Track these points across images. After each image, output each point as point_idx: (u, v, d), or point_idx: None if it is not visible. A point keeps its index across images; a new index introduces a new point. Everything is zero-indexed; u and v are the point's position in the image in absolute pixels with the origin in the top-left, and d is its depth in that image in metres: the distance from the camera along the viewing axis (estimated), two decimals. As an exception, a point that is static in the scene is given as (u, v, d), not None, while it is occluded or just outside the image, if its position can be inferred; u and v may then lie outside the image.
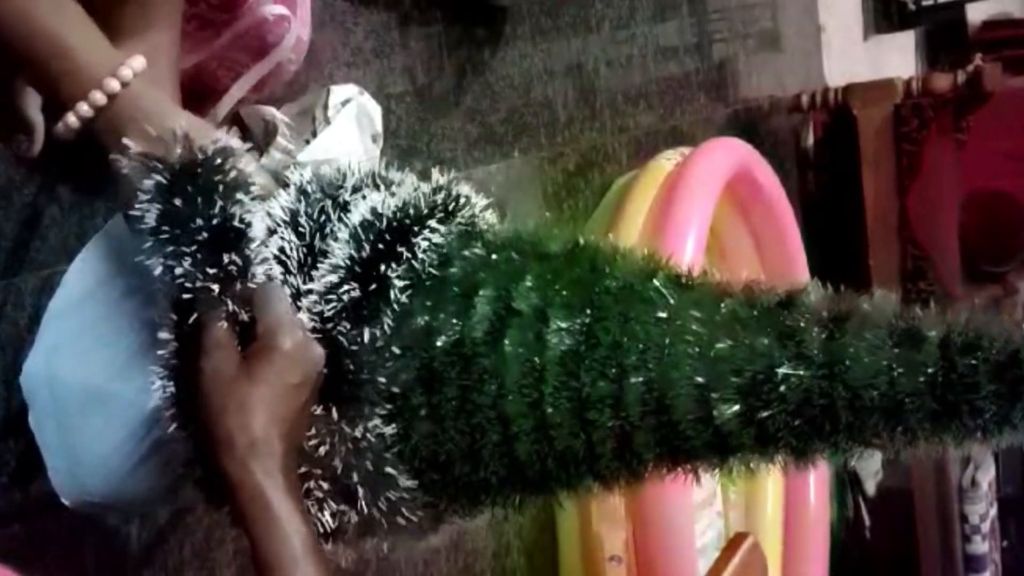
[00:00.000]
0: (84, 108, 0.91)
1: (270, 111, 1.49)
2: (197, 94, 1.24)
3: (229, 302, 0.89)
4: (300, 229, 0.95)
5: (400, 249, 0.92)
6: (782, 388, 0.84)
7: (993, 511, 3.52)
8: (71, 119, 0.92)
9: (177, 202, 0.88)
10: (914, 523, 3.29)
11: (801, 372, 0.84)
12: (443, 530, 1.00)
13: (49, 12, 0.91)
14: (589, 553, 2.23)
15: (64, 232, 1.37)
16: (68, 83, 0.91)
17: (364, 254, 0.91)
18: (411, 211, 0.94)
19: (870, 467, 3.33)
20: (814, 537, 2.70)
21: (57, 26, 0.91)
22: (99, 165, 0.95)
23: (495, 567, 2.16)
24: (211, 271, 0.88)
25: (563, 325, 0.89)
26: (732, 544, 1.60)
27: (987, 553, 3.45)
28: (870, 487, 3.36)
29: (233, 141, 0.92)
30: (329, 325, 0.90)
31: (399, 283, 0.91)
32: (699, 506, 2.39)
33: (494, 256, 0.94)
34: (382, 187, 0.98)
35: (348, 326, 0.90)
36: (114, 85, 0.91)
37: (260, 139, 1.49)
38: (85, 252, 1.06)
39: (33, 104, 1.16)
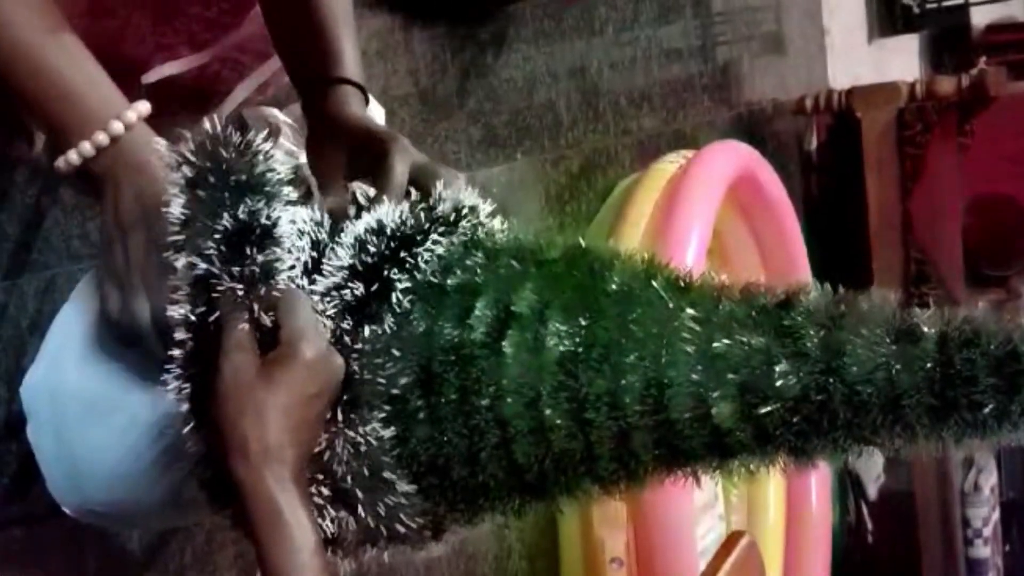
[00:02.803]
0: (87, 147, 0.91)
1: (273, 112, 1.50)
2: (200, 94, 1.25)
3: (253, 305, 0.89)
4: (311, 236, 0.95)
5: (403, 256, 0.92)
6: (779, 384, 0.84)
7: (995, 515, 3.52)
8: (72, 156, 0.91)
9: (201, 193, 0.88)
10: (916, 527, 3.29)
11: (798, 369, 0.84)
12: (445, 539, 0.99)
13: (54, 51, 0.91)
14: (590, 556, 2.23)
15: (66, 234, 1.37)
16: (71, 122, 0.91)
17: (368, 259, 0.92)
18: (414, 223, 0.94)
19: (872, 471, 3.33)
20: (816, 541, 2.70)
21: (62, 65, 0.91)
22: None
23: (496, 570, 2.16)
24: (235, 270, 0.88)
25: (562, 327, 0.89)
26: (728, 542, 1.61)
27: (989, 557, 3.45)
28: (872, 491, 3.36)
29: (268, 142, 0.92)
30: (331, 323, 0.90)
31: (400, 286, 0.91)
32: (700, 509, 2.39)
33: (494, 263, 0.94)
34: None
35: (351, 323, 0.90)
36: (118, 127, 0.91)
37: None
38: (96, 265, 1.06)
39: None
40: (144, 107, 0.93)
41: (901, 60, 4.07)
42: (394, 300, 0.91)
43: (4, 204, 1.30)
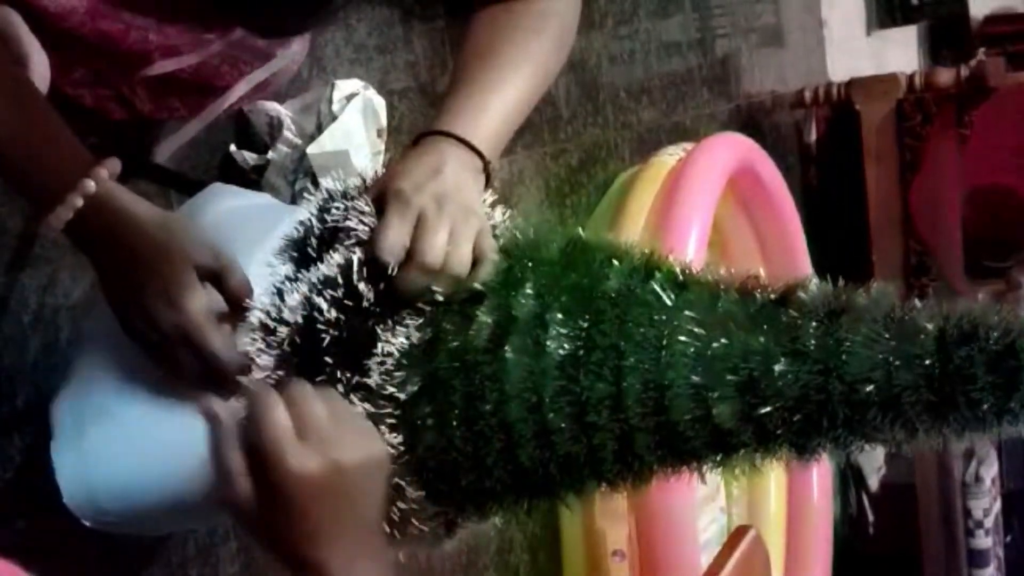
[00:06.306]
0: (63, 212, 0.90)
1: (274, 107, 1.50)
2: (199, 88, 1.25)
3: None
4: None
5: None
6: (779, 384, 0.84)
7: (996, 506, 3.52)
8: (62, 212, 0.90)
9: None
10: (917, 518, 3.29)
11: (797, 368, 0.84)
12: (457, 536, 0.99)
13: (14, 115, 0.91)
14: (592, 548, 2.24)
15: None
16: (40, 190, 0.91)
17: None
18: None
19: (873, 463, 3.33)
20: (817, 532, 2.71)
21: (24, 131, 0.90)
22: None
23: (498, 563, 2.16)
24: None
25: (562, 331, 0.89)
26: (734, 537, 1.61)
27: (990, 548, 3.45)
28: (873, 483, 3.37)
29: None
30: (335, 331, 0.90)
31: None
32: (702, 502, 2.40)
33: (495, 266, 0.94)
34: None
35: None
36: (78, 200, 0.90)
37: (265, 135, 1.49)
38: None
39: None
40: (113, 165, 0.92)
41: (900, 52, 4.07)
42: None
43: (5, 199, 1.30)
